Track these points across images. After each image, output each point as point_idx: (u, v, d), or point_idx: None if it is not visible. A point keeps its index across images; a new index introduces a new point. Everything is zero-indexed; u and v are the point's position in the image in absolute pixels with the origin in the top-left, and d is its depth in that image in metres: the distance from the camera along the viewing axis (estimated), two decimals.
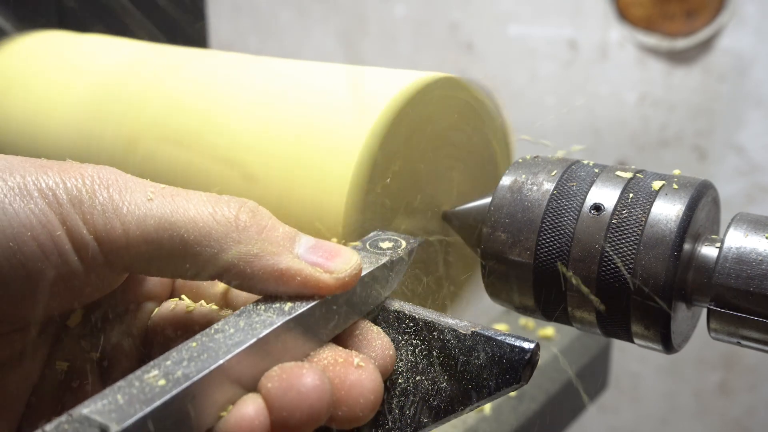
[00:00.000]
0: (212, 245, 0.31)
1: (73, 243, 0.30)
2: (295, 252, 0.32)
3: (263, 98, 0.46)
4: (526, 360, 0.30)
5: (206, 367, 0.27)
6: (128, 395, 0.26)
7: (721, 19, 1.27)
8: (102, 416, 0.25)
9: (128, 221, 0.31)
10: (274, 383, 0.29)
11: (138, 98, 0.51)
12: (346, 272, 0.32)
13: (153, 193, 0.32)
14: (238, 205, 0.33)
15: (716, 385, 1.43)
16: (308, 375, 0.29)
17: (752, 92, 1.29)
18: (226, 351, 0.28)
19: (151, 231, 0.31)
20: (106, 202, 0.31)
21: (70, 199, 0.30)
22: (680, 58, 1.32)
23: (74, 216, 0.30)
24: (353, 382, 0.30)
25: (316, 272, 0.32)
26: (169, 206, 0.31)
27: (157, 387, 0.26)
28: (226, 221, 0.32)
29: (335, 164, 0.41)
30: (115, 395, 0.26)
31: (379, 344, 0.33)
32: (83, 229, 0.30)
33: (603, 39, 1.37)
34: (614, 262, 0.37)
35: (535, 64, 1.44)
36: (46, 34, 0.64)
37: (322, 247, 0.33)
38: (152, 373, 0.27)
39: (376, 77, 0.45)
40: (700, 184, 0.38)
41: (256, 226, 0.32)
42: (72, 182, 0.31)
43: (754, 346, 0.37)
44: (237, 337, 0.29)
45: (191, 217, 0.31)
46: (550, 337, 0.82)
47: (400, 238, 0.39)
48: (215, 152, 0.46)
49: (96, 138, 0.52)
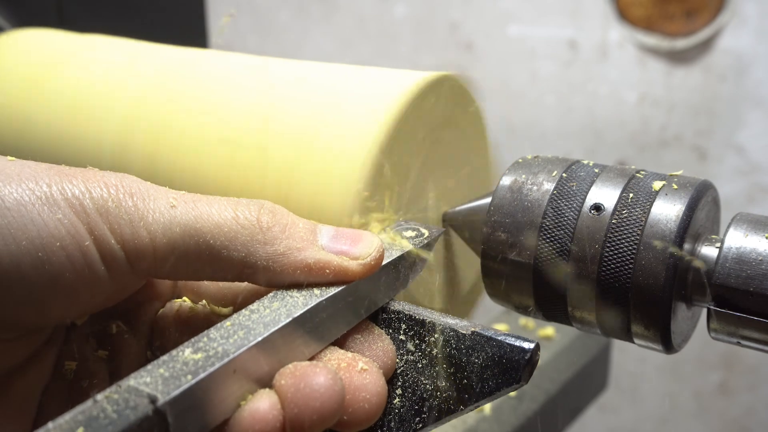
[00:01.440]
0: (239, 249, 0.32)
1: (101, 252, 0.30)
2: (319, 244, 0.33)
3: (263, 99, 0.46)
4: (526, 360, 0.30)
5: (245, 344, 0.28)
6: (172, 369, 0.27)
7: (721, 19, 1.27)
8: (150, 387, 0.26)
9: (154, 229, 0.31)
10: (288, 380, 0.29)
11: (137, 99, 0.51)
12: (371, 256, 0.33)
13: (175, 199, 0.32)
14: (257, 207, 0.33)
15: (716, 385, 1.43)
16: (321, 374, 0.29)
17: (752, 92, 1.29)
18: (261, 330, 0.29)
19: (177, 238, 0.31)
20: (131, 211, 0.31)
21: (96, 209, 0.31)
22: (680, 58, 1.32)
23: (101, 225, 0.30)
24: (357, 386, 0.31)
25: (343, 261, 0.33)
26: (193, 213, 0.32)
27: (200, 361, 0.27)
28: (249, 224, 0.32)
29: (337, 166, 0.41)
30: (159, 369, 0.27)
31: (381, 347, 0.34)
32: (111, 238, 0.31)
33: (603, 39, 1.37)
34: (614, 262, 0.37)
35: (535, 64, 1.44)
36: (43, 32, 0.64)
37: (343, 235, 0.34)
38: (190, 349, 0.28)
39: (376, 77, 0.45)
40: (700, 184, 0.38)
41: (278, 225, 0.33)
42: (97, 191, 0.31)
43: (754, 346, 0.37)
44: (271, 317, 0.30)
45: (215, 222, 0.32)
46: (550, 337, 0.82)
47: (423, 227, 0.39)
48: (215, 153, 0.46)
49: (95, 138, 0.52)
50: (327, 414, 0.29)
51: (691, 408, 1.47)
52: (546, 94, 1.44)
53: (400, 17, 1.55)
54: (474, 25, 1.48)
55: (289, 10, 1.68)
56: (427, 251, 0.38)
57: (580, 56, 1.40)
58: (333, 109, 0.43)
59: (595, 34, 1.37)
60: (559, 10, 1.39)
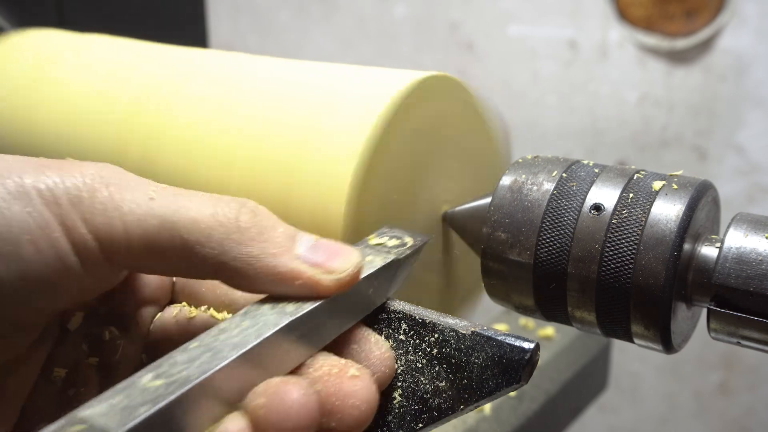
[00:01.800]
0: (213, 246, 0.31)
1: (73, 243, 0.30)
2: (295, 252, 0.32)
3: (263, 98, 0.46)
4: (526, 360, 0.30)
5: (209, 368, 0.27)
6: (129, 398, 0.25)
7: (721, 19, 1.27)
8: (103, 419, 0.24)
9: (129, 220, 0.30)
10: (260, 399, 0.28)
11: (137, 98, 0.51)
12: (346, 272, 0.32)
13: (155, 192, 0.31)
14: (238, 206, 0.32)
15: (716, 385, 1.43)
16: (294, 391, 0.28)
17: (752, 92, 1.29)
18: (229, 353, 0.28)
19: (152, 230, 0.30)
20: (106, 201, 0.30)
21: (69, 199, 0.30)
22: (680, 58, 1.32)
23: (73, 216, 0.30)
24: (347, 393, 0.30)
25: (316, 273, 0.31)
26: (171, 206, 0.31)
27: (160, 389, 0.25)
28: (227, 221, 0.31)
29: (335, 165, 0.41)
30: (115, 398, 0.25)
31: (378, 354, 0.33)
32: (82, 228, 0.30)
33: (603, 39, 1.37)
34: (614, 262, 0.37)
35: (536, 64, 1.44)
36: (43, 32, 0.64)
37: (322, 246, 0.33)
38: (151, 374, 0.26)
39: (376, 77, 0.45)
40: (700, 184, 0.38)
41: (256, 227, 0.32)
42: (71, 181, 0.30)
43: (754, 346, 0.37)
44: (239, 338, 0.29)
45: (192, 217, 0.31)
46: (550, 337, 0.82)
47: (407, 235, 0.38)
48: (215, 152, 0.46)
49: (95, 138, 0.52)
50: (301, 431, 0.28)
51: (691, 408, 1.47)
52: (546, 94, 1.44)
53: (400, 17, 1.55)
54: (474, 25, 1.48)
55: (289, 10, 1.68)
56: (410, 262, 0.36)
57: (581, 56, 1.40)
58: (328, 109, 0.43)
59: (595, 34, 1.37)
60: (559, 10, 1.39)
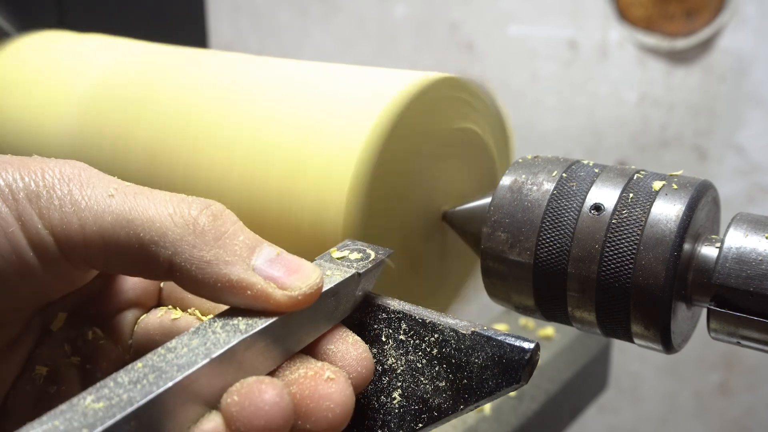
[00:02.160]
0: (167, 246, 0.30)
1: (29, 239, 0.30)
2: (251, 263, 0.31)
3: (263, 99, 0.46)
4: (526, 360, 0.30)
5: (152, 390, 0.26)
6: (68, 421, 0.25)
7: (721, 19, 1.27)
8: None
9: (85, 216, 0.30)
10: (233, 399, 0.28)
11: (137, 99, 0.51)
12: (300, 290, 0.31)
13: (116, 189, 0.31)
14: (200, 208, 0.32)
15: (716, 385, 1.43)
16: (267, 390, 0.28)
17: (752, 92, 1.29)
18: (174, 374, 0.27)
19: (107, 227, 0.30)
20: (64, 197, 0.31)
21: (27, 195, 0.30)
22: (680, 58, 1.32)
23: (30, 211, 0.30)
24: (322, 395, 0.30)
25: (268, 287, 0.31)
26: (129, 204, 0.31)
27: (100, 411, 0.25)
28: (183, 223, 0.31)
29: (335, 165, 0.41)
30: (55, 421, 0.25)
31: (354, 355, 0.32)
32: (38, 224, 0.30)
33: (603, 39, 1.37)
34: (614, 262, 0.37)
35: (535, 64, 1.44)
36: (45, 34, 0.64)
37: (282, 261, 0.32)
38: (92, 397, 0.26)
39: (376, 77, 0.45)
40: (700, 184, 0.38)
41: (214, 231, 0.31)
42: (30, 177, 0.31)
43: (754, 346, 0.37)
44: (187, 358, 0.28)
45: (149, 216, 0.31)
46: (550, 337, 0.82)
47: (370, 249, 0.37)
48: (215, 153, 0.46)
49: (95, 138, 0.52)
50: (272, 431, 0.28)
51: (691, 408, 1.47)
52: (546, 94, 1.44)
53: (400, 17, 1.55)
54: (474, 25, 1.48)
55: (289, 10, 1.68)
56: (371, 277, 0.36)
57: (580, 56, 1.40)
58: (328, 109, 0.43)
59: (595, 34, 1.37)
60: (559, 10, 1.39)
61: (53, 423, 0.25)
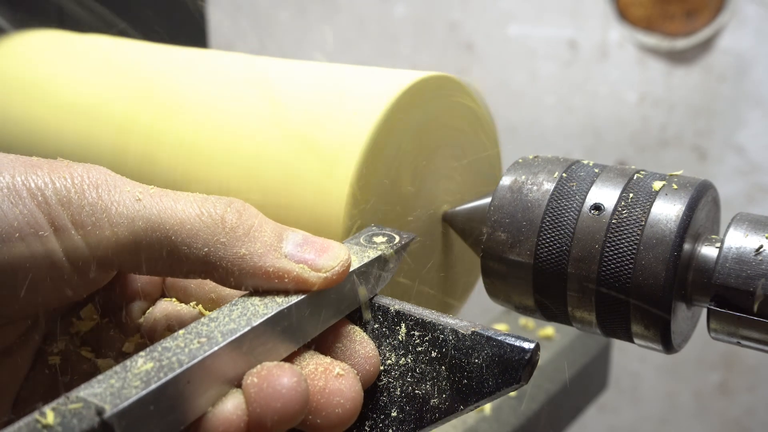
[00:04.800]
0: (200, 247, 0.31)
1: (62, 243, 0.30)
2: (282, 251, 0.33)
3: (264, 98, 0.46)
4: (526, 360, 0.30)
5: (199, 354, 0.28)
6: (123, 379, 0.26)
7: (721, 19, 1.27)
8: (98, 398, 0.25)
9: (117, 222, 0.31)
10: (254, 379, 0.29)
11: (136, 99, 0.51)
12: (333, 270, 0.33)
13: (141, 193, 0.32)
14: (224, 206, 0.33)
15: (716, 385, 1.43)
16: (286, 375, 0.29)
17: (752, 92, 1.29)
18: (219, 340, 0.29)
19: (139, 232, 0.31)
20: (95, 203, 0.31)
21: (59, 200, 0.31)
22: (680, 58, 1.32)
23: (63, 216, 0.30)
24: (332, 391, 0.31)
25: (303, 272, 0.32)
26: (157, 207, 0.31)
27: (152, 371, 0.27)
28: (212, 222, 0.32)
29: (335, 165, 0.41)
30: (111, 379, 0.26)
31: (362, 353, 0.33)
32: (71, 229, 0.30)
33: (603, 39, 1.37)
34: (614, 262, 0.37)
35: (535, 64, 1.44)
36: (44, 33, 0.64)
37: (310, 243, 0.33)
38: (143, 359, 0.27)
39: (376, 77, 0.45)
40: (700, 184, 0.38)
41: (242, 227, 0.32)
42: (61, 182, 0.31)
43: (754, 346, 0.37)
44: (230, 326, 0.30)
45: (179, 218, 0.31)
46: (550, 337, 0.82)
47: (395, 233, 0.39)
48: (214, 153, 0.46)
49: (94, 138, 0.52)
50: (289, 414, 0.29)
51: (691, 408, 1.47)
52: (546, 94, 1.44)
53: (400, 17, 1.55)
54: (474, 25, 1.48)
55: (289, 10, 1.68)
56: (396, 259, 0.37)
57: (580, 56, 1.40)
58: (329, 109, 0.43)
59: (595, 34, 1.37)
60: (559, 10, 1.39)
61: (109, 382, 0.26)
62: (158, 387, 0.26)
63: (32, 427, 0.24)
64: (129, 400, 0.25)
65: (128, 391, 0.26)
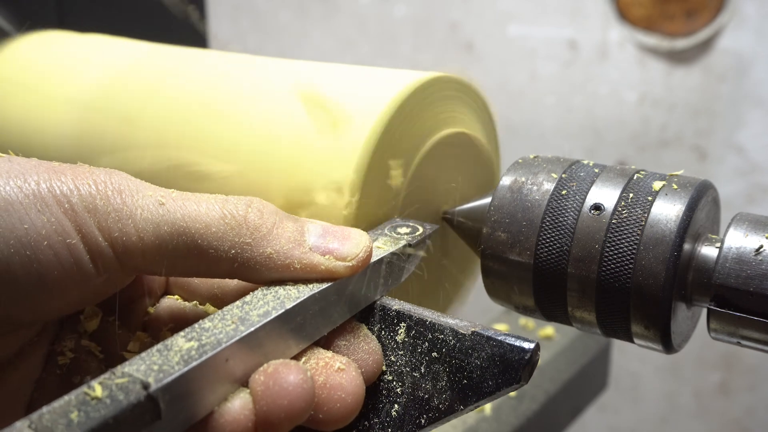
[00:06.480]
0: (226, 249, 0.32)
1: (89, 250, 0.31)
2: (307, 244, 0.33)
3: (263, 99, 0.46)
4: (526, 360, 0.30)
5: (237, 334, 0.29)
6: (165, 357, 0.27)
7: (721, 19, 1.27)
8: (143, 374, 0.26)
9: (142, 227, 0.31)
10: (261, 377, 0.29)
11: (137, 99, 0.51)
12: (357, 257, 0.33)
13: (164, 197, 0.32)
14: (246, 206, 0.33)
15: (716, 385, 1.43)
16: (292, 373, 0.29)
17: (752, 92, 1.29)
18: (256, 320, 0.30)
19: (165, 236, 0.31)
20: (119, 208, 0.31)
21: (85, 206, 0.31)
22: (680, 58, 1.32)
23: (89, 223, 0.30)
24: (333, 385, 0.31)
25: (329, 263, 0.33)
26: (181, 211, 0.32)
27: (193, 350, 0.28)
28: (236, 224, 0.32)
29: (337, 165, 0.41)
30: (153, 357, 0.27)
31: (366, 348, 0.34)
32: (98, 236, 0.31)
33: (603, 39, 1.37)
34: (614, 262, 0.37)
35: (535, 64, 1.44)
36: (46, 35, 0.64)
37: (331, 233, 0.34)
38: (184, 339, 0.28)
39: (378, 77, 0.45)
40: (700, 184, 0.38)
41: (265, 225, 0.33)
42: (86, 188, 0.31)
43: (754, 346, 0.37)
44: (265, 308, 0.31)
45: (204, 221, 0.32)
46: (550, 337, 0.82)
47: (418, 224, 0.40)
48: (215, 153, 0.46)
49: (95, 138, 0.52)
50: (295, 412, 0.29)
51: (691, 408, 1.47)
52: (546, 94, 1.44)
53: (400, 17, 1.55)
54: (474, 25, 1.48)
55: (289, 10, 1.68)
56: (420, 248, 0.39)
57: (580, 56, 1.40)
58: None
59: (595, 34, 1.37)
60: (559, 10, 1.39)
61: (152, 359, 0.27)
62: (199, 364, 0.27)
63: (81, 399, 0.25)
64: (173, 375, 0.26)
65: (171, 367, 0.27)
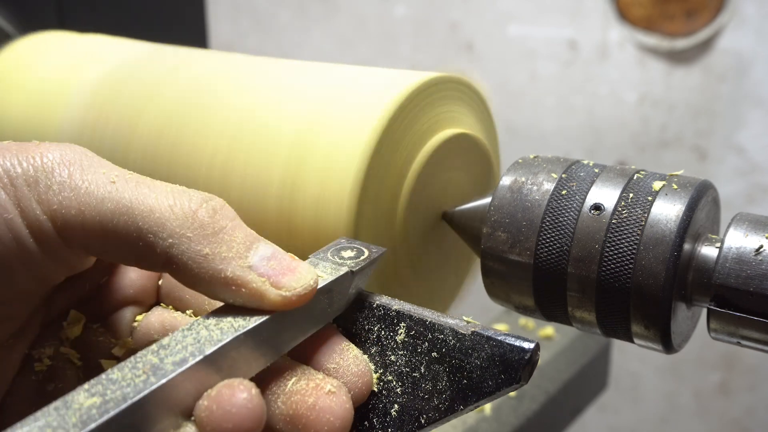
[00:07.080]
0: (164, 237, 0.30)
1: (28, 225, 0.30)
2: (248, 260, 0.31)
3: (263, 99, 0.46)
4: (526, 360, 0.30)
5: (147, 387, 0.26)
6: (62, 418, 0.25)
7: (721, 19, 1.27)
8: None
9: (85, 202, 0.30)
10: (204, 402, 0.28)
11: (138, 98, 0.51)
12: (294, 290, 0.31)
13: (117, 176, 0.31)
14: (200, 201, 0.32)
15: (716, 385, 1.44)
16: (235, 393, 0.28)
17: (752, 92, 1.29)
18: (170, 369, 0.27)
19: (107, 214, 0.30)
20: (64, 182, 0.31)
21: (26, 181, 0.30)
22: (680, 58, 1.32)
23: (28, 197, 0.30)
24: (323, 408, 0.30)
25: (263, 286, 0.30)
26: (130, 192, 0.31)
27: (94, 408, 0.25)
28: (183, 215, 0.31)
29: (337, 165, 0.41)
30: (48, 417, 0.25)
31: (355, 370, 0.33)
32: (37, 210, 0.30)
33: (603, 39, 1.37)
34: (614, 262, 0.37)
35: (535, 64, 1.44)
36: (46, 35, 0.64)
37: (278, 260, 0.32)
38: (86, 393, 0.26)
39: (378, 78, 0.45)
40: (700, 184, 0.38)
41: (213, 226, 0.31)
42: (29, 162, 0.31)
43: (754, 346, 0.37)
44: (181, 355, 0.28)
45: (150, 205, 0.31)
46: (550, 337, 0.82)
47: (363, 247, 0.37)
48: (215, 153, 0.46)
49: (96, 138, 0.52)
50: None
51: (691, 408, 1.47)
52: (546, 95, 1.44)
53: (400, 17, 1.55)
54: (474, 25, 1.48)
55: (289, 10, 1.68)
56: (365, 273, 0.36)
57: (580, 56, 1.40)
58: (330, 110, 0.43)
59: (595, 34, 1.37)
60: (559, 10, 1.39)
61: (46, 419, 0.25)
62: (98, 426, 0.24)
63: None
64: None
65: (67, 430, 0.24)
